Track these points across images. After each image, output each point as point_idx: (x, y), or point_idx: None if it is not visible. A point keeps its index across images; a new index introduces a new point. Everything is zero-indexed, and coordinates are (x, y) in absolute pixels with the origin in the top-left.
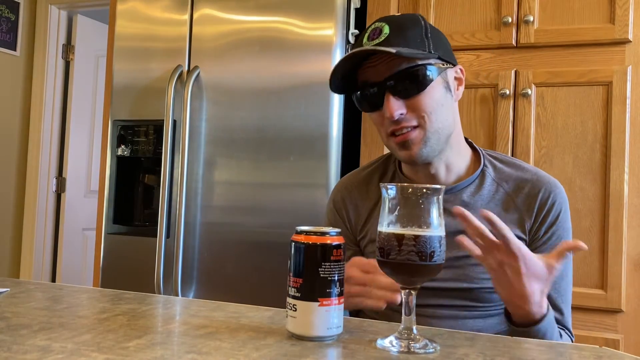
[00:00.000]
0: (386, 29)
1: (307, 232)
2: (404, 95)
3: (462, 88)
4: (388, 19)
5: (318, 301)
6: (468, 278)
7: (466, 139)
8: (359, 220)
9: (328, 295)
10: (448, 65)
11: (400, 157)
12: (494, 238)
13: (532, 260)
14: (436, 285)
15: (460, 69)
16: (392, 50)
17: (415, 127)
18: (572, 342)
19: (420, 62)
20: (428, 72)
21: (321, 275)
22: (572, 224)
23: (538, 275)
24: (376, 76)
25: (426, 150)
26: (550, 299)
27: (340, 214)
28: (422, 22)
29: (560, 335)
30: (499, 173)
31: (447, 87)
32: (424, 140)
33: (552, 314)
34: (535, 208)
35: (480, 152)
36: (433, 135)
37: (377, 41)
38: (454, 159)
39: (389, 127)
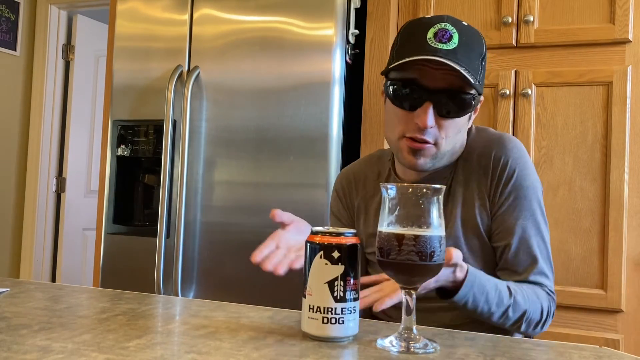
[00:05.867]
0: (456, 38)
1: (346, 234)
2: (442, 113)
3: (476, 115)
4: (458, 26)
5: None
6: None
7: None
8: (353, 210)
9: None
10: (481, 97)
11: (404, 160)
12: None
13: None
14: None
15: (482, 99)
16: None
17: (433, 144)
18: (554, 299)
19: (472, 92)
20: (472, 102)
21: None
22: (572, 223)
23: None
24: (429, 80)
25: (431, 164)
26: (542, 268)
27: (343, 201)
28: (484, 45)
29: (538, 298)
30: None
31: (471, 116)
32: (434, 157)
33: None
34: (490, 169)
35: None
36: (443, 155)
37: (445, 46)
38: None
39: (408, 131)
